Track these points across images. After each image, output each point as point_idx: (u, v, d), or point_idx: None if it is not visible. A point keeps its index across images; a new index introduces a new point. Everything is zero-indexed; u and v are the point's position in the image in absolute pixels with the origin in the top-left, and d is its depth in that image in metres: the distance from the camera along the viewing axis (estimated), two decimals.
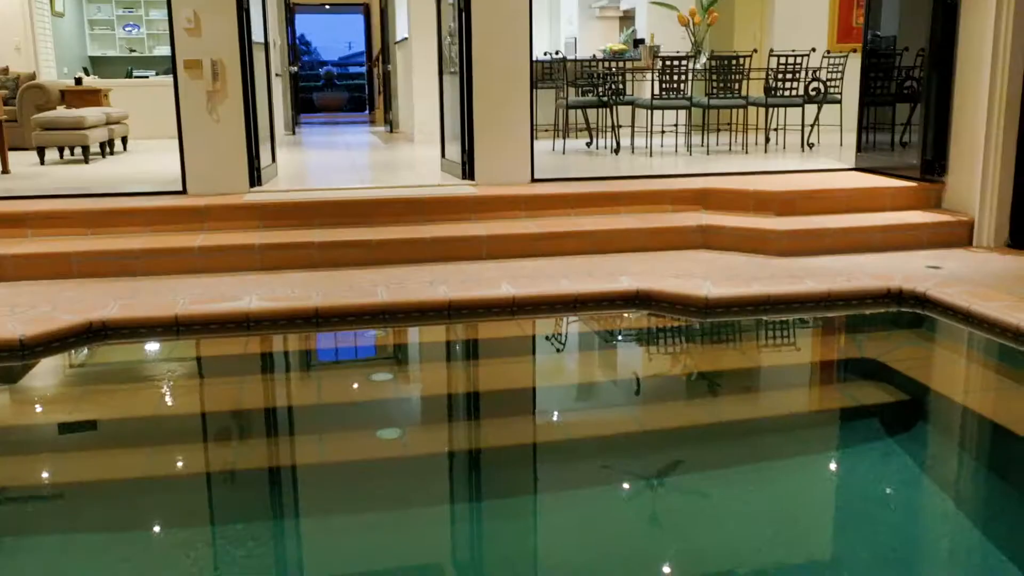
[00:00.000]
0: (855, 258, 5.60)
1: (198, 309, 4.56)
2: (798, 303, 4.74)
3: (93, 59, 14.36)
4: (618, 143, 8.39)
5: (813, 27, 10.53)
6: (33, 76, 10.25)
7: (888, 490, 2.87)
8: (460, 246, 5.63)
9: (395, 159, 8.77)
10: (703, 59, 8.53)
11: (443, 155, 7.10)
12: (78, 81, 10.17)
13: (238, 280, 5.23)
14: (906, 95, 6.54)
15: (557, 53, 9.74)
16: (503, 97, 6.35)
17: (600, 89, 8.45)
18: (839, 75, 8.73)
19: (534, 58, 10.35)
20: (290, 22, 18.55)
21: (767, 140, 9.22)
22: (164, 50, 13.99)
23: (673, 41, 9.49)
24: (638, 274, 5.20)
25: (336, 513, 2.80)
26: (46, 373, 4.13)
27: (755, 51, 8.35)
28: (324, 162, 8.66)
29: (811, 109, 8.85)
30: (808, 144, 8.68)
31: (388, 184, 6.63)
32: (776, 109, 8.73)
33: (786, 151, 8.58)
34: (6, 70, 10.20)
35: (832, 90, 8.83)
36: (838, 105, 8.85)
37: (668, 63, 7.95)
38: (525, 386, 4.01)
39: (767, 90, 8.36)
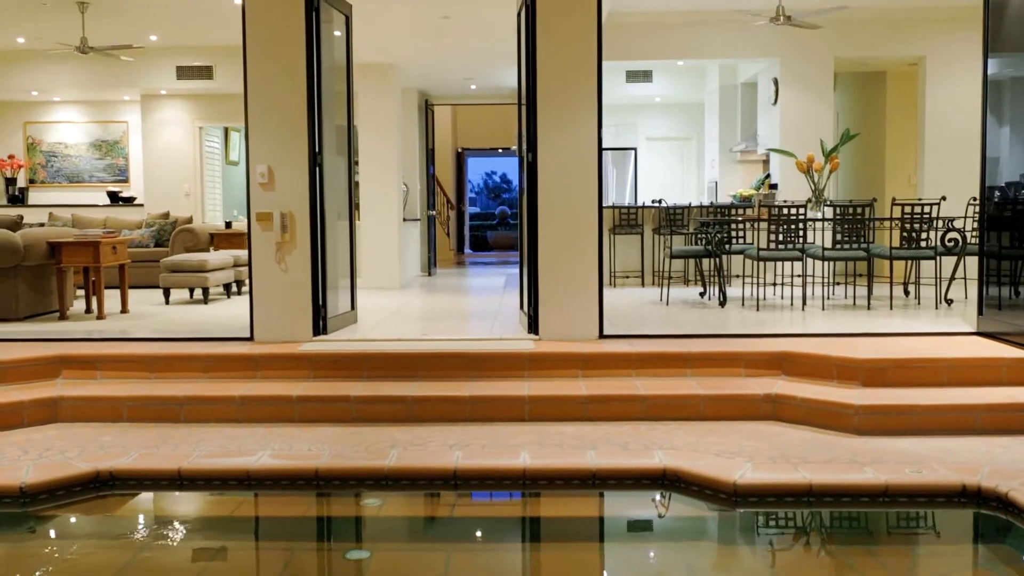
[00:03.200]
0: (946, 441, 4.79)
1: (201, 464, 4.50)
2: (848, 496, 4.06)
3: None
4: (724, 295, 7.88)
5: (971, 173, 9.69)
6: (190, 220, 11.10)
7: None
8: (502, 407, 5.33)
9: (491, 307, 8.62)
10: (823, 207, 7.97)
11: (520, 306, 6.90)
12: (228, 224, 10.91)
13: (268, 432, 5.16)
14: None
15: (660, 201, 9.45)
16: (568, 249, 6.10)
17: (705, 238, 8.04)
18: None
19: (649, 203, 10.15)
20: (459, 165, 19.49)
21: (907, 293, 8.40)
22: None
23: (804, 188, 8.97)
24: (678, 448, 4.68)
25: None
26: (24, 523, 4.14)
27: (875, 200, 7.70)
28: (421, 307, 8.67)
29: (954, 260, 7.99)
30: (947, 300, 7.79)
31: (453, 335, 6.48)
32: (915, 261, 7.96)
33: (920, 307, 7.74)
34: (166, 215, 11.11)
35: (976, 241, 7.96)
36: None
37: (775, 211, 7.46)
38: None
39: (903, 240, 7.65)
